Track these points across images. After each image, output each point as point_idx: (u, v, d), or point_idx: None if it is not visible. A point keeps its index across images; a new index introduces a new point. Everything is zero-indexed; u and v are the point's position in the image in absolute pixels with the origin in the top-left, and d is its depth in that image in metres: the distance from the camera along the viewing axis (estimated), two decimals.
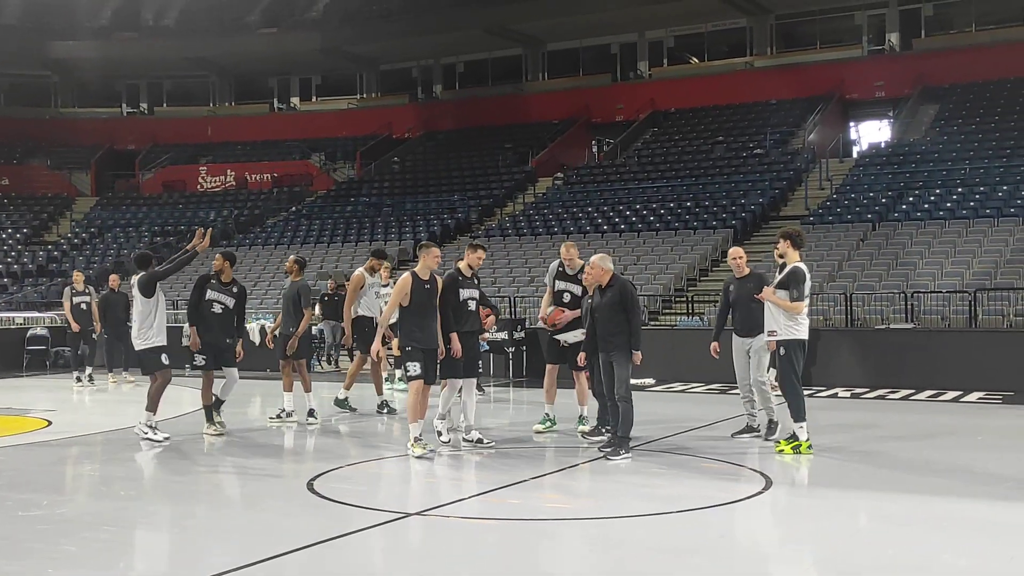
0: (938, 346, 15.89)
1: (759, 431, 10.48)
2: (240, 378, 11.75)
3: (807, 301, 9.79)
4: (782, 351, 9.64)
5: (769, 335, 9.74)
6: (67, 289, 18.21)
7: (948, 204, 24.15)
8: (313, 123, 42.52)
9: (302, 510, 7.81)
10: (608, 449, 9.49)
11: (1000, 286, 18.89)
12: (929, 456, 9.91)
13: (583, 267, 10.58)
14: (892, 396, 14.64)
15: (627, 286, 9.70)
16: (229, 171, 40.77)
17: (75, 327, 17.74)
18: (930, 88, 31.81)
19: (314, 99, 44.68)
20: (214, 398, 11.45)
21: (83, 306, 17.80)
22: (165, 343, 10.85)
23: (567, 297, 10.82)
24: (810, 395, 14.85)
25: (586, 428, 10.65)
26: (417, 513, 7.54)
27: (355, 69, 43.45)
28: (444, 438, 10.11)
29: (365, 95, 43.90)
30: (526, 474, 8.82)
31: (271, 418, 12.56)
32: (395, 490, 8.77)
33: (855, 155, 31.77)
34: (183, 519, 7.63)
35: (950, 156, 27.22)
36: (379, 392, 13.14)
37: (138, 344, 10.92)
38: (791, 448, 9.59)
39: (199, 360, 11.36)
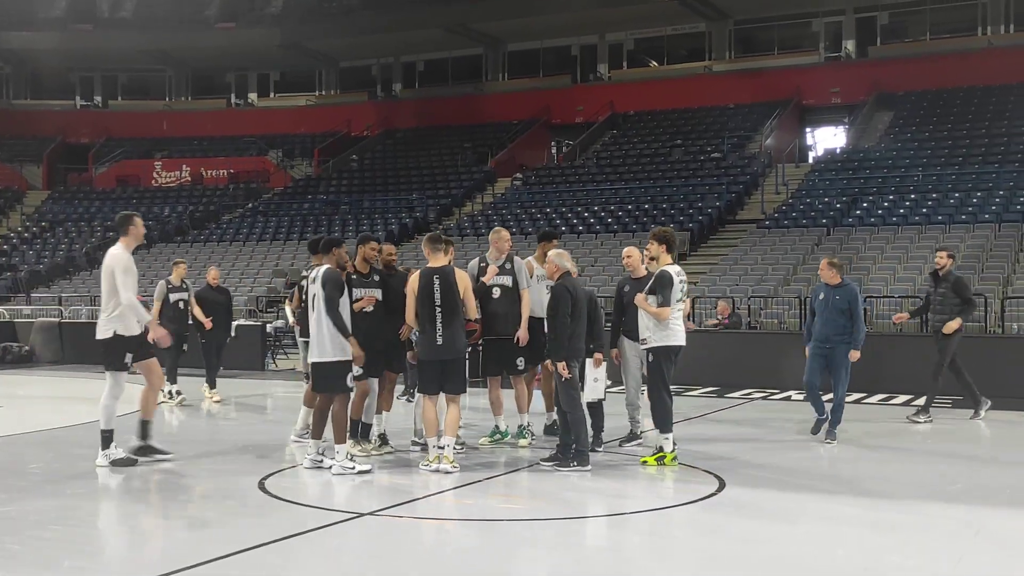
0: (890, 350, 16.03)
1: (642, 438, 10.26)
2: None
3: (683, 306, 9.37)
4: (651, 358, 9.32)
5: (640, 343, 9.44)
6: (161, 283, 14.46)
7: (901, 210, 24.46)
8: (271, 119, 42.20)
9: (253, 510, 7.72)
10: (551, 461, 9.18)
11: None
12: (879, 459, 10.02)
13: (514, 258, 9.94)
14: (845, 400, 14.74)
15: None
16: (184, 166, 40.34)
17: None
18: (885, 95, 32.22)
19: (272, 95, 44.35)
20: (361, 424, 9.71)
21: (180, 304, 14.17)
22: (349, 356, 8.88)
23: (497, 292, 9.92)
24: (763, 398, 15.01)
25: (525, 442, 10.04)
26: (370, 513, 7.48)
27: (314, 66, 43.18)
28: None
29: (324, 92, 43.65)
30: (480, 475, 8.79)
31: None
32: (348, 490, 8.69)
33: (811, 160, 32.09)
34: (131, 518, 7.52)
35: (903, 163, 27.57)
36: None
37: (316, 355, 8.91)
38: (655, 460, 9.21)
39: (355, 370, 9.19)
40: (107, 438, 9.24)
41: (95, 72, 44.57)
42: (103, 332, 9.21)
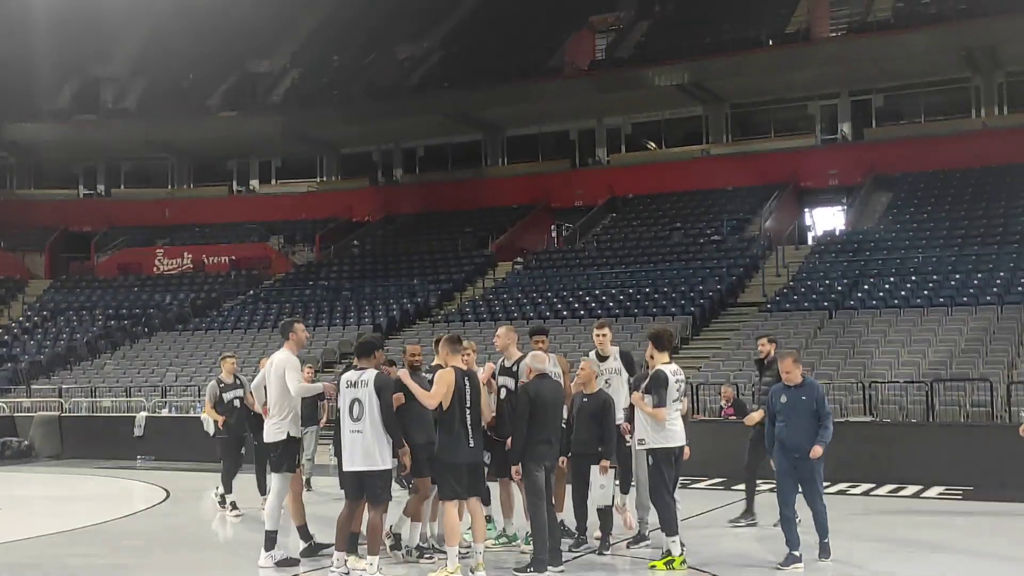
0: (897, 439, 15.88)
1: (649, 538, 10.04)
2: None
3: (680, 406, 9.29)
4: (650, 460, 9.21)
5: (639, 443, 9.32)
6: (212, 383, 13.51)
7: (903, 292, 24.44)
8: (272, 206, 42.45)
9: None
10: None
11: (956, 376, 19.00)
12: (893, 556, 9.84)
13: (520, 359, 9.54)
14: (853, 491, 14.57)
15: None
16: (186, 254, 40.46)
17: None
18: (882, 176, 32.42)
19: (274, 182, 44.65)
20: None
21: (236, 403, 12.97)
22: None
23: (503, 394, 9.64)
24: (770, 489, 14.79)
25: (528, 547, 9.39)
26: None
27: (315, 152, 43.59)
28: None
29: (325, 178, 43.99)
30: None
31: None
32: None
33: (811, 242, 32.19)
34: None
35: (903, 244, 27.63)
36: None
37: (366, 464, 8.60)
38: (664, 564, 9.00)
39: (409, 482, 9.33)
40: (271, 539, 9.43)
41: (98, 162, 44.95)
42: (275, 435, 9.47)
